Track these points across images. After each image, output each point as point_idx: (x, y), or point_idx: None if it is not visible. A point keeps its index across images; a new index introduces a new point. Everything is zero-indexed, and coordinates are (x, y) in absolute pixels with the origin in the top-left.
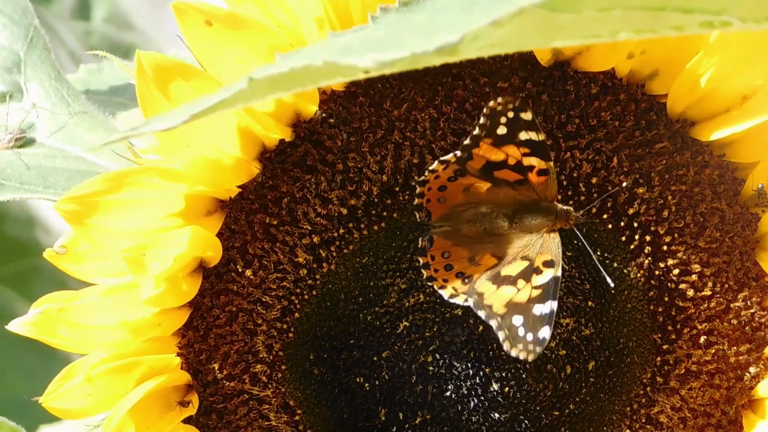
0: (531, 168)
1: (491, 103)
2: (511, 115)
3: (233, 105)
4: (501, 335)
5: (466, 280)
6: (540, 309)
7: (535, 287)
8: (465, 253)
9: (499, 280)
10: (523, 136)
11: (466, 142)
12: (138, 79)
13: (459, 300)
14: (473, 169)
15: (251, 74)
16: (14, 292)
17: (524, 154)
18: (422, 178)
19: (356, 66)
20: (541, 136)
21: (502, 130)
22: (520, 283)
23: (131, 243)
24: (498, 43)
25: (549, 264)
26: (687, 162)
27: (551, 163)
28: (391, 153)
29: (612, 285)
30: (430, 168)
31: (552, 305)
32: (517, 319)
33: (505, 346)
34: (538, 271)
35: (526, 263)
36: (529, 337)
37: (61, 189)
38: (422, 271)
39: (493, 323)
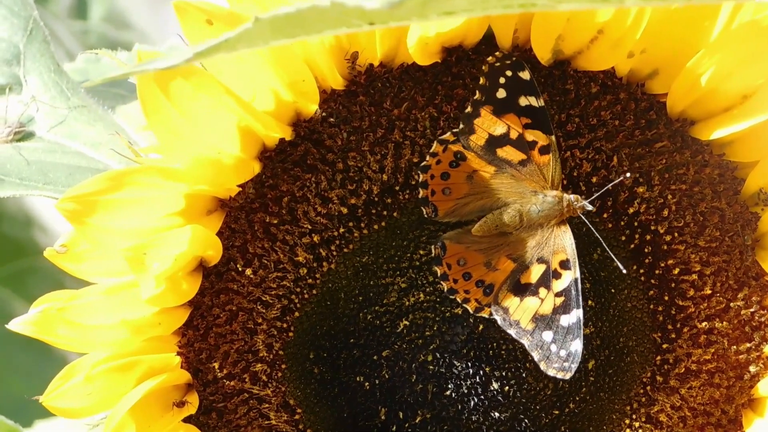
0: (534, 145)
1: (489, 59)
2: (509, 73)
3: (236, 46)
4: (536, 356)
5: (488, 290)
6: (567, 320)
7: (557, 294)
8: (481, 258)
9: (520, 291)
10: (523, 101)
11: (467, 110)
12: (139, 77)
13: (485, 314)
14: (476, 146)
15: (258, 14)
16: (11, 292)
17: (525, 125)
18: (424, 163)
19: (363, 8)
20: (541, 102)
21: (501, 94)
22: (542, 292)
23: (132, 242)
24: None
25: (565, 265)
26: (687, 161)
27: (553, 137)
28: (392, 152)
29: (624, 271)
30: (431, 151)
31: (578, 314)
32: (547, 335)
33: (542, 367)
34: (557, 275)
35: (543, 267)
36: (563, 353)
37: (62, 185)
38: (442, 283)
39: (525, 342)
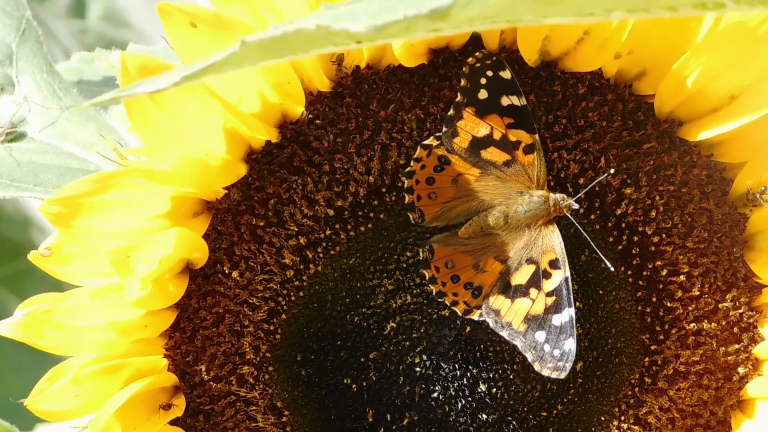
0: (517, 144)
1: (469, 60)
2: (490, 73)
3: (224, 69)
4: (529, 356)
5: (476, 292)
6: (559, 319)
7: (548, 294)
8: (468, 260)
9: (511, 293)
10: (505, 101)
11: (450, 113)
12: (122, 80)
13: (475, 316)
14: (460, 148)
15: (244, 38)
16: (9, 293)
17: (509, 125)
18: (408, 168)
19: (349, 31)
20: (523, 101)
21: (483, 94)
22: (533, 292)
23: (118, 244)
24: (490, 15)
25: (555, 264)
26: (675, 162)
27: (536, 136)
28: (378, 154)
29: (612, 269)
30: (415, 156)
31: (570, 312)
32: (540, 335)
33: (536, 367)
34: (547, 275)
35: (533, 267)
36: (556, 353)
37: (52, 187)
38: (431, 287)
39: (518, 343)
